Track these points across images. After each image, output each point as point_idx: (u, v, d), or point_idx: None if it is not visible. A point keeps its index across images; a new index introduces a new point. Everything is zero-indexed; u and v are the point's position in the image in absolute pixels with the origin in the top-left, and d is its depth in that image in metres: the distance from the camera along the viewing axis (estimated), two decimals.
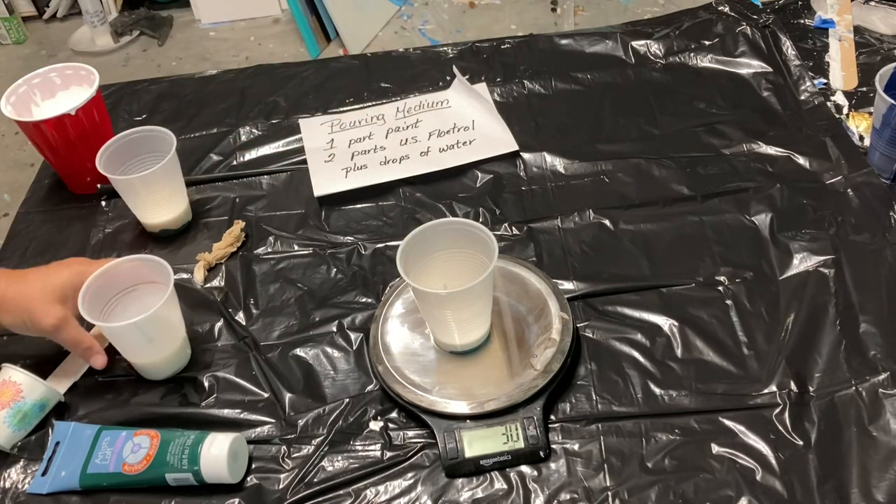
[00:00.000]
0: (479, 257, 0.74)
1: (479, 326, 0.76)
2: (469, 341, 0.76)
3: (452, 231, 0.75)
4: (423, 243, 0.74)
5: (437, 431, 0.71)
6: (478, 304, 0.73)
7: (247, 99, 1.15)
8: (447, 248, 0.76)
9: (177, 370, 0.81)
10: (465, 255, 0.75)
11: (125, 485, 0.71)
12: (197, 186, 1.02)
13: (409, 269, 0.72)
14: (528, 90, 1.11)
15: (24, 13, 2.61)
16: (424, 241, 0.74)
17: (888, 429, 0.69)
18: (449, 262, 0.76)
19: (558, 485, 0.69)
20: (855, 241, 0.85)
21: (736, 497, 0.67)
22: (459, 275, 0.74)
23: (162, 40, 2.48)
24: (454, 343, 0.76)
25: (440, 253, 0.76)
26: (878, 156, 0.92)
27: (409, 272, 0.71)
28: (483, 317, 0.76)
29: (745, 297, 0.81)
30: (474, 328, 0.76)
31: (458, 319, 0.74)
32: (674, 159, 0.97)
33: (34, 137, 0.97)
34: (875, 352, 0.75)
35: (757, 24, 1.14)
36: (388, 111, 1.10)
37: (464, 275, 0.72)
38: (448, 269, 0.76)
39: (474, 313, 0.74)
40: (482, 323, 0.76)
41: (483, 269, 0.70)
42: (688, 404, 0.73)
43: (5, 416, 0.75)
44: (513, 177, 0.98)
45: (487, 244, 0.72)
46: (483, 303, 0.74)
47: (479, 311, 0.74)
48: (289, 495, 0.70)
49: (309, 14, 2.32)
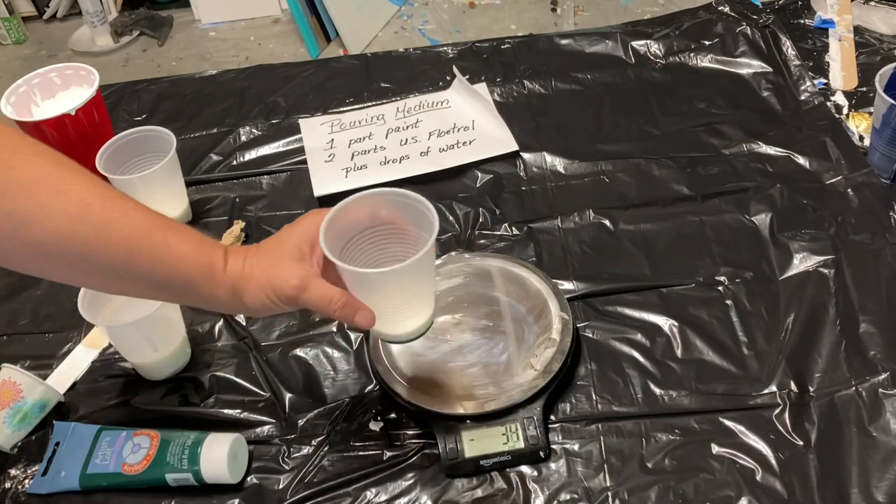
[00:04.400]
0: (419, 234, 0.65)
1: (418, 312, 0.68)
2: (408, 330, 0.68)
3: (387, 203, 0.66)
4: (352, 216, 0.66)
5: (437, 431, 0.71)
6: (416, 287, 0.66)
7: (247, 99, 1.15)
8: (382, 224, 0.67)
9: (177, 370, 0.81)
10: (401, 231, 0.67)
11: (125, 485, 0.71)
12: (197, 186, 1.02)
13: (336, 245, 0.64)
14: (528, 90, 1.11)
15: (24, 13, 2.61)
16: (353, 212, 0.65)
17: (888, 429, 0.69)
18: (385, 239, 0.68)
19: (558, 485, 0.69)
20: (855, 241, 0.85)
21: (736, 497, 0.67)
22: (396, 253, 0.66)
23: (162, 40, 2.48)
24: (392, 332, 0.69)
25: (375, 229, 0.67)
26: (878, 156, 0.92)
27: (335, 249, 0.63)
28: (424, 300, 0.68)
29: (745, 297, 0.81)
30: (414, 314, 0.68)
31: (394, 304, 0.66)
32: (674, 159, 0.97)
33: (34, 137, 0.97)
34: (875, 352, 0.75)
35: (757, 24, 1.14)
36: (388, 111, 1.10)
37: (404, 254, 0.65)
38: (383, 247, 0.68)
39: (412, 296, 0.66)
40: (422, 307, 0.68)
41: (418, 243, 0.63)
42: (688, 404, 0.73)
43: (5, 416, 0.75)
44: (513, 177, 0.98)
45: (426, 217, 0.63)
46: (422, 286, 0.66)
47: (418, 294, 0.67)
48: (289, 495, 0.70)
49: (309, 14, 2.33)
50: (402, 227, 0.66)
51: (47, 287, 0.91)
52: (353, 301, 0.63)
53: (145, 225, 0.59)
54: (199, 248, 0.61)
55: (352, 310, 0.63)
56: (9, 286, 0.91)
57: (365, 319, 0.64)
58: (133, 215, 0.58)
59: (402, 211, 0.65)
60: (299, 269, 0.62)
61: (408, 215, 0.65)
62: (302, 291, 0.62)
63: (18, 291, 0.91)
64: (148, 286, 0.61)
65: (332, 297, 0.62)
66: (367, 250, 0.67)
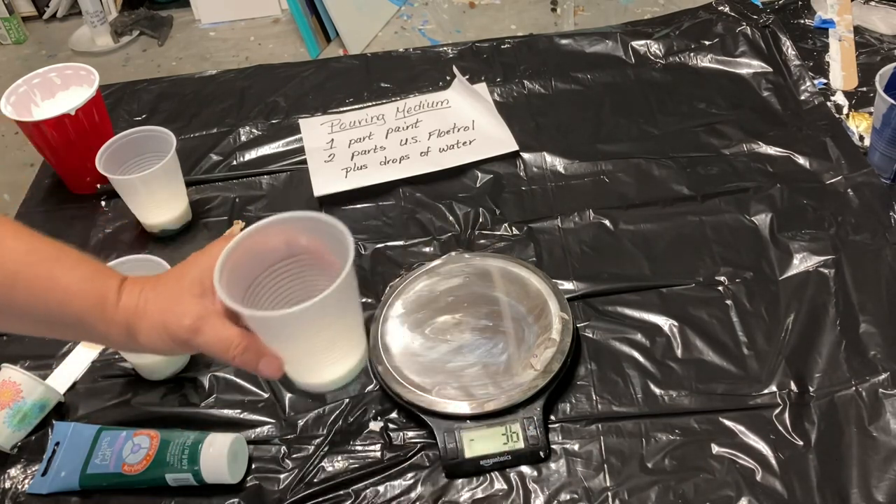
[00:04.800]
0: (331, 263, 0.55)
1: (340, 357, 0.58)
2: (331, 378, 0.58)
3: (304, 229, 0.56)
4: (265, 244, 0.56)
5: (437, 432, 0.71)
6: (334, 327, 0.55)
7: (247, 99, 1.15)
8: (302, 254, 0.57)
9: (177, 370, 0.81)
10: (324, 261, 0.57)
11: (125, 485, 0.71)
12: (197, 186, 1.02)
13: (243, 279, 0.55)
14: (528, 90, 1.11)
15: (24, 13, 2.61)
16: (266, 240, 0.56)
17: (888, 429, 0.69)
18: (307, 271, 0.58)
19: (558, 485, 0.69)
20: (855, 241, 0.85)
21: (736, 497, 0.67)
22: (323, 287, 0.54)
23: (162, 40, 2.47)
24: (311, 381, 0.59)
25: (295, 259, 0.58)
26: (878, 156, 0.92)
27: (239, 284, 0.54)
28: (346, 341, 0.58)
29: (745, 297, 0.81)
30: (335, 360, 0.58)
31: (307, 350, 0.56)
32: (674, 159, 0.97)
33: (34, 137, 0.97)
34: (875, 352, 0.75)
35: (757, 24, 1.14)
36: (388, 111, 1.10)
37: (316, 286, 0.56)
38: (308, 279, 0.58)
39: (328, 339, 0.56)
40: (346, 351, 0.58)
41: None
42: (688, 404, 0.73)
43: (5, 416, 0.75)
44: (513, 177, 0.98)
45: (343, 243, 0.53)
46: (341, 325, 0.56)
47: (337, 334, 0.56)
48: (289, 495, 0.70)
49: (309, 14, 2.32)
50: (325, 258, 0.56)
51: None
52: (255, 345, 0.54)
53: (27, 255, 0.53)
54: (89, 281, 0.54)
55: (254, 356, 0.54)
56: None
57: (270, 368, 0.55)
58: (13, 245, 0.52)
59: (321, 238, 0.56)
60: (196, 306, 0.53)
61: (328, 243, 0.56)
62: (195, 333, 0.53)
63: None
64: (35, 323, 0.55)
65: (231, 341, 0.53)
66: (287, 283, 0.58)
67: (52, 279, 0.53)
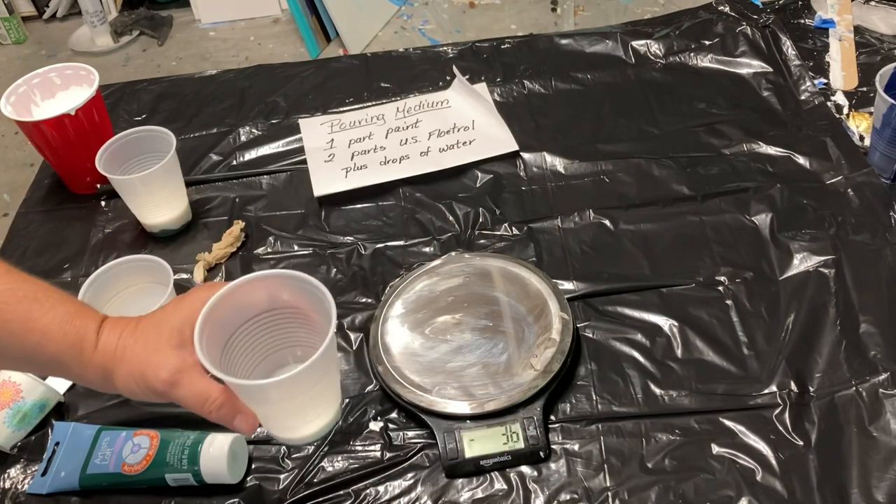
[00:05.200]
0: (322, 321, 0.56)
1: (317, 416, 0.59)
2: (308, 433, 0.60)
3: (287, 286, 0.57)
4: (248, 298, 0.57)
5: (436, 432, 0.71)
6: (314, 390, 0.56)
7: (247, 99, 1.15)
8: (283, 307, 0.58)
9: None
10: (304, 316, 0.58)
11: (125, 485, 0.71)
12: (197, 186, 1.02)
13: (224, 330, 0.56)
14: (528, 90, 1.11)
15: (24, 13, 2.61)
16: (248, 294, 0.57)
17: (888, 429, 0.69)
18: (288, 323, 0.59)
19: (558, 485, 0.69)
20: (855, 241, 0.85)
21: (736, 497, 0.67)
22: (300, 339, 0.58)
23: (162, 40, 2.47)
24: (288, 437, 0.61)
25: (276, 311, 0.58)
26: (878, 156, 0.92)
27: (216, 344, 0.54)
28: (324, 400, 0.59)
29: (745, 297, 0.81)
30: (311, 419, 0.59)
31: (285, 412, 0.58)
32: (674, 159, 0.97)
33: (34, 137, 0.97)
34: (875, 352, 0.75)
35: (757, 24, 1.14)
36: (388, 111, 1.10)
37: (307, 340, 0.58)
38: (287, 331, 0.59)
39: (307, 401, 0.57)
40: (323, 409, 0.60)
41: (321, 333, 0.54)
42: (688, 404, 0.73)
43: (5, 416, 0.75)
44: (513, 177, 0.98)
45: (324, 305, 0.54)
46: (321, 387, 0.57)
47: (316, 395, 0.58)
48: (289, 495, 0.70)
49: (309, 14, 2.32)
50: (306, 313, 0.57)
51: None
52: (231, 402, 0.55)
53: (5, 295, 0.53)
54: (67, 323, 0.54)
55: (229, 413, 0.55)
56: None
57: (245, 425, 0.56)
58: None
59: (302, 295, 0.56)
60: (174, 358, 0.54)
61: (308, 301, 0.57)
62: (172, 387, 0.54)
63: None
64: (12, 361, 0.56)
65: (208, 396, 0.53)
66: (268, 335, 0.59)
67: (29, 320, 0.53)
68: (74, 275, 0.92)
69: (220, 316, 0.55)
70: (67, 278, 0.92)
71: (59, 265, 0.93)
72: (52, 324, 0.54)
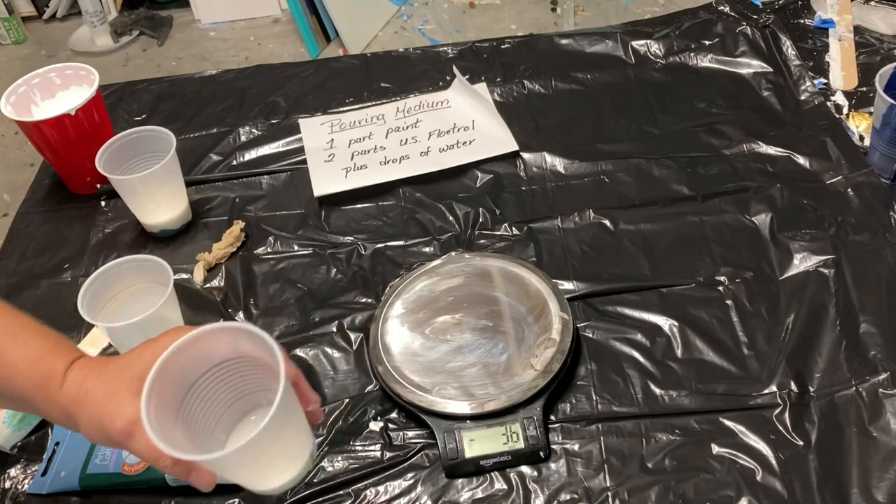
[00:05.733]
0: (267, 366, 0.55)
1: (281, 472, 0.58)
2: (274, 486, 0.58)
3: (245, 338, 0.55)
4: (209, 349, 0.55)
5: (436, 432, 0.71)
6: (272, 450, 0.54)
7: (247, 99, 1.15)
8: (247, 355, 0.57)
9: None
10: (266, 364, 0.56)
11: (125, 485, 0.71)
12: (197, 186, 1.02)
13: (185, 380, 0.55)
14: (528, 90, 1.11)
15: (24, 13, 2.61)
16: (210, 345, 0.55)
17: (888, 429, 0.69)
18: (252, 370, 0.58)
19: (558, 485, 0.69)
20: (855, 241, 0.85)
21: (736, 497, 0.67)
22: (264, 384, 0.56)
23: (162, 40, 2.47)
24: (254, 489, 0.58)
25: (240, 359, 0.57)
26: (878, 156, 0.92)
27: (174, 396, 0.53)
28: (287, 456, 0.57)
29: (745, 297, 0.81)
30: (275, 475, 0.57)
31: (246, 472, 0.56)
32: (674, 159, 0.97)
33: (34, 137, 0.97)
34: (875, 352, 0.75)
35: (757, 24, 1.14)
36: (388, 111, 1.10)
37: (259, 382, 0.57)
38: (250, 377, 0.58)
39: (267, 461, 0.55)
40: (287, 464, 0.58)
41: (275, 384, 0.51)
42: (688, 404, 0.73)
43: (5, 416, 0.75)
44: (513, 177, 0.98)
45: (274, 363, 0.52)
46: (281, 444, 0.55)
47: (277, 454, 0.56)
48: (289, 495, 0.70)
49: (309, 14, 2.32)
50: (267, 362, 0.55)
51: (47, 287, 0.91)
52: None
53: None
54: (37, 359, 0.54)
55: (184, 470, 0.53)
56: (9, 286, 0.91)
57: (201, 481, 0.53)
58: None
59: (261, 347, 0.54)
60: (130, 408, 0.51)
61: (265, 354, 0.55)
62: (128, 438, 0.52)
63: (18, 291, 0.90)
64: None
65: (162, 453, 0.50)
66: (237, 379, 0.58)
67: (3, 354, 0.54)
68: (74, 275, 0.92)
69: (181, 363, 0.54)
70: (67, 278, 0.92)
71: (59, 265, 0.93)
72: (23, 359, 0.54)
